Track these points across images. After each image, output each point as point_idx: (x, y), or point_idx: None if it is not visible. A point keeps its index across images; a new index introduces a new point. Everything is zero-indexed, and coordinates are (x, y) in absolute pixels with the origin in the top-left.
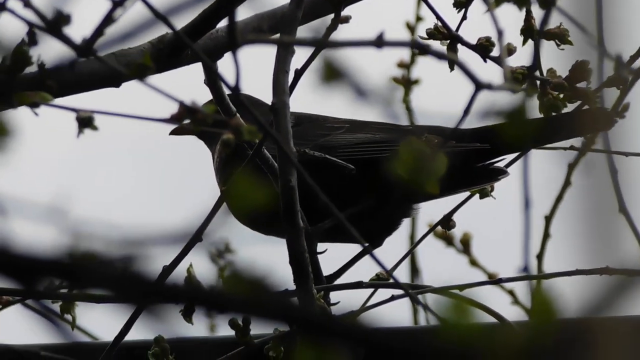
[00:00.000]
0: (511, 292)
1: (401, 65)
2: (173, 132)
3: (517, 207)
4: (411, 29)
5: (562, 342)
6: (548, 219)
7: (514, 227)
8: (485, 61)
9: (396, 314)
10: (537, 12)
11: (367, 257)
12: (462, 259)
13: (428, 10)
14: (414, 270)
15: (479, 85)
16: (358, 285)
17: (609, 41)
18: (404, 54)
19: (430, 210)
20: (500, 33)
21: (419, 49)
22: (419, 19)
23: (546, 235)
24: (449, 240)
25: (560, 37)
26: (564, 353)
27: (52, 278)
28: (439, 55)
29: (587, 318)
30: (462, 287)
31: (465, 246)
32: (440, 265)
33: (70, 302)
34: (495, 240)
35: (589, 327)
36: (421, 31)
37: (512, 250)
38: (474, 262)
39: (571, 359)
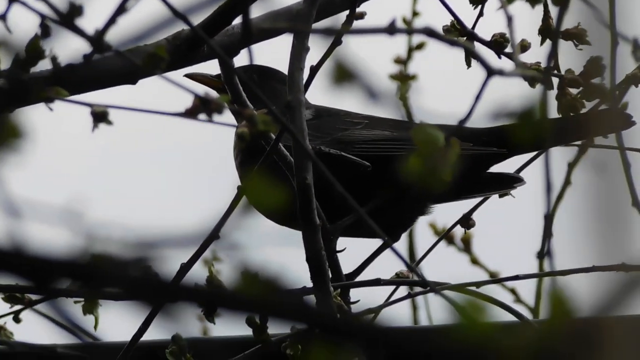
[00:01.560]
0: (513, 291)
1: (398, 61)
2: (189, 75)
3: (519, 207)
4: (408, 24)
5: (577, 341)
6: (549, 218)
7: (515, 226)
8: (499, 57)
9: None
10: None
11: (385, 254)
12: (463, 258)
13: (435, 6)
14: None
15: (491, 72)
16: (376, 282)
17: (624, 27)
18: (401, 50)
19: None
20: (510, 21)
21: (432, 35)
22: (415, 14)
23: (548, 235)
24: (449, 239)
25: (578, 37)
26: (578, 352)
27: (67, 279)
28: (451, 42)
29: (602, 317)
30: (479, 284)
31: (466, 245)
32: (440, 264)
33: (93, 302)
34: (494, 239)
35: (603, 325)
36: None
37: (512, 249)
38: (474, 261)
39: (585, 358)
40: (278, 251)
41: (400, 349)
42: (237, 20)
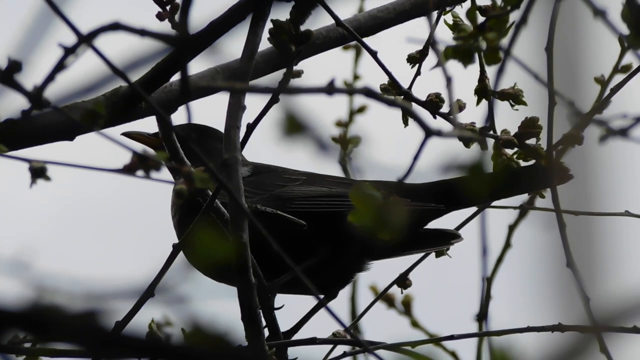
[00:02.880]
0: (453, 354)
1: (339, 124)
2: (127, 134)
3: (456, 268)
4: (348, 86)
5: None
6: (489, 281)
7: (453, 286)
8: (434, 117)
9: None
10: (493, 68)
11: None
12: (404, 321)
13: (376, 69)
14: (356, 330)
15: (429, 132)
16: (312, 341)
17: (561, 89)
18: (342, 113)
19: (372, 272)
20: (449, 81)
21: (370, 96)
22: (356, 77)
23: (488, 297)
24: (390, 302)
25: (514, 97)
26: None
27: (15, 330)
28: (389, 102)
29: None
30: (414, 344)
31: (406, 308)
32: (381, 327)
33: (35, 357)
34: (432, 299)
35: None
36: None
37: (450, 309)
38: (415, 324)
39: None
40: (222, 306)
41: None
42: (175, 77)
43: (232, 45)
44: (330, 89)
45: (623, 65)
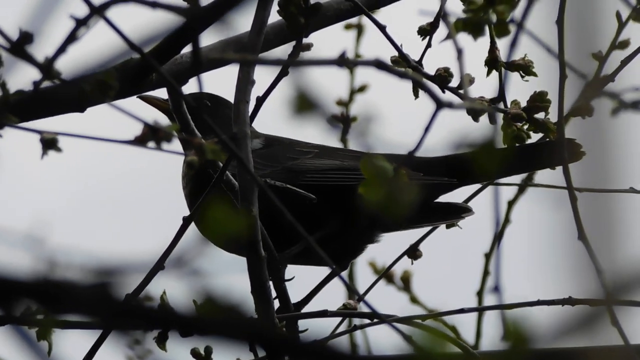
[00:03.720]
0: (453, 328)
1: (340, 103)
2: (142, 97)
3: (460, 243)
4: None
5: None
6: (487, 256)
7: (461, 259)
8: (443, 92)
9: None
10: (505, 41)
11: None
12: (395, 294)
13: (379, 46)
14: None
15: (440, 104)
16: (323, 314)
17: (574, 62)
18: (342, 92)
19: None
20: (460, 54)
21: (382, 68)
22: (358, 56)
23: (485, 273)
24: (389, 278)
25: (524, 68)
26: None
27: (27, 301)
28: (400, 75)
29: (558, 348)
30: (424, 318)
31: (405, 283)
32: (379, 303)
33: (47, 328)
34: (439, 271)
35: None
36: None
37: (458, 282)
38: (414, 300)
39: None
40: (235, 279)
41: None
42: (186, 49)
43: (243, 18)
44: (341, 61)
45: (620, 41)
